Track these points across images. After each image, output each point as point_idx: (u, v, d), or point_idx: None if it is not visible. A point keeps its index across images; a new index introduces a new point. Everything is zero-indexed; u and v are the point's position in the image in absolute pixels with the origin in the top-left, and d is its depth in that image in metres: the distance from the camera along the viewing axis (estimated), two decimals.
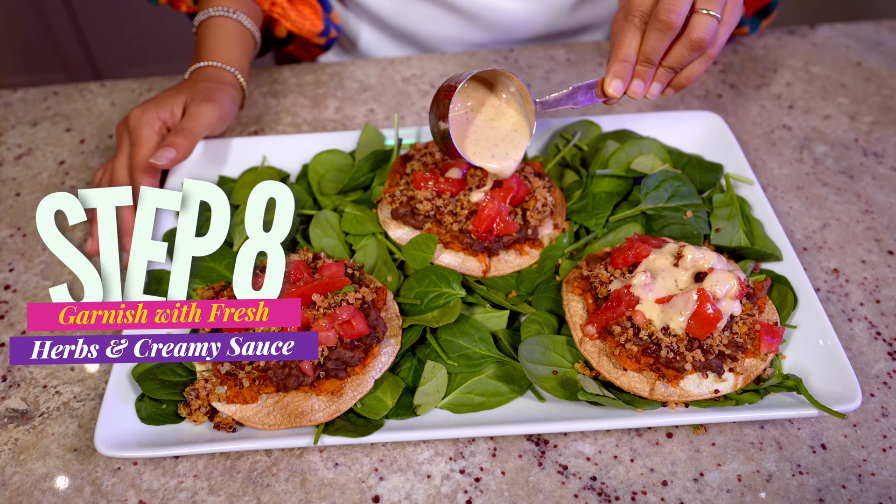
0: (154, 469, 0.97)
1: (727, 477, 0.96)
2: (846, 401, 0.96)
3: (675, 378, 0.97)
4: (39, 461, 0.99)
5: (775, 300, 1.10)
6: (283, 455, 0.99)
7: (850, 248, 1.26)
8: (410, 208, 1.17)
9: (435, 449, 0.99)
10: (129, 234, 1.13)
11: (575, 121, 1.38)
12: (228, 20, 1.41)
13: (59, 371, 1.09)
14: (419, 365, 1.04)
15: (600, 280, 1.05)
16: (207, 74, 1.35)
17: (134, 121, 1.23)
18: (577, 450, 0.99)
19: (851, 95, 1.58)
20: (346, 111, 1.56)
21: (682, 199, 1.22)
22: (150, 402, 1.00)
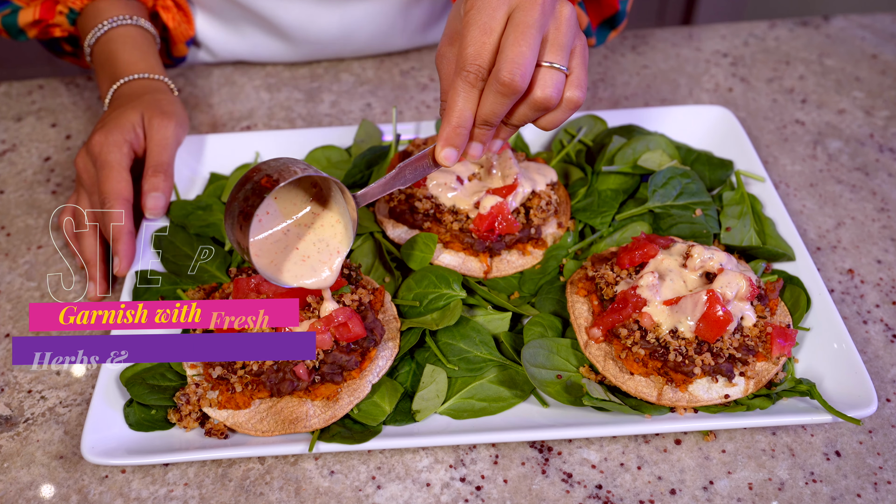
0: (143, 477, 0.97)
1: (738, 485, 0.96)
2: (861, 406, 0.96)
3: (684, 382, 0.98)
4: (24, 469, 0.99)
5: (788, 302, 1.10)
6: (276, 462, 0.99)
7: (866, 248, 1.26)
8: (409, 206, 1.17)
9: (434, 456, 0.99)
10: (120, 241, 1.12)
11: (579, 115, 1.38)
12: (129, 27, 1.36)
13: (45, 376, 1.09)
14: (418, 369, 1.05)
15: (606, 281, 1.05)
16: (138, 88, 1.29)
17: (98, 147, 1.17)
18: (581, 457, 0.99)
19: (867, 89, 1.58)
20: (342, 105, 1.56)
21: (690, 196, 1.22)
22: (138, 408, 1.00)
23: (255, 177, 0.91)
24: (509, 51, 0.88)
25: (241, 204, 0.90)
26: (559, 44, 0.92)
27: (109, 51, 1.34)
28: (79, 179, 1.21)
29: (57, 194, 1.38)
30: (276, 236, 0.97)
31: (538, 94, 0.92)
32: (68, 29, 1.41)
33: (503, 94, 0.90)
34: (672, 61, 1.66)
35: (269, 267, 0.96)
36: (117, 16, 1.35)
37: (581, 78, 0.96)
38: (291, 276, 0.97)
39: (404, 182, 0.98)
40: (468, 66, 0.90)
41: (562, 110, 0.96)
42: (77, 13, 1.39)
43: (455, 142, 0.93)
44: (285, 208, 0.97)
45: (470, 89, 0.91)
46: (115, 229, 1.12)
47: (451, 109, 0.92)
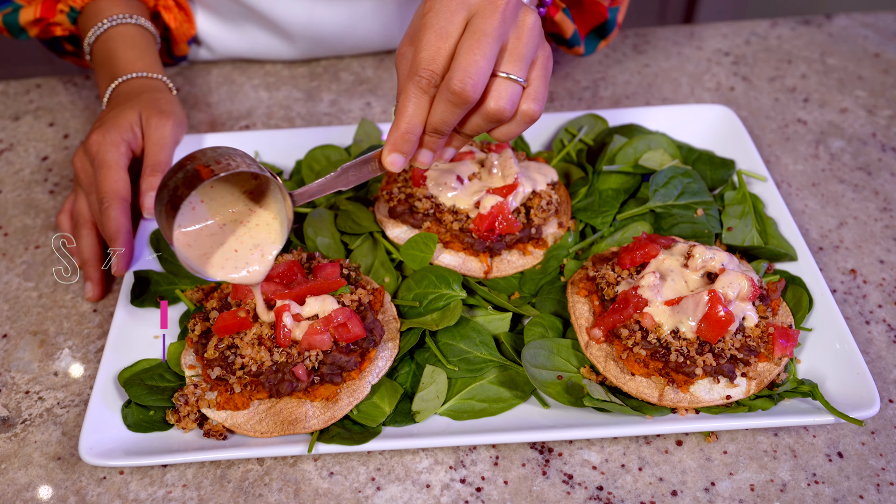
0: (141, 478, 0.97)
1: (739, 486, 0.96)
2: (864, 407, 0.96)
3: (685, 383, 0.97)
4: (21, 470, 0.99)
5: (790, 302, 1.10)
6: (275, 464, 0.99)
7: (868, 248, 1.26)
8: (409, 206, 1.17)
9: (434, 457, 0.99)
10: (118, 241, 1.12)
11: (580, 115, 1.38)
12: (129, 27, 1.36)
13: (42, 376, 1.09)
14: (418, 370, 1.04)
15: (607, 281, 1.05)
16: (136, 87, 1.30)
17: (96, 146, 1.17)
18: (582, 458, 0.99)
19: (869, 88, 1.58)
20: (342, 105, 1.56)
21: (692, 196, 1.22)
22: (136, 409, 1.00)
23: (188, 165, 0.88)
24: (463, 58, 0.86)
25: (170, 193, 0.88)
26: (518, 54, 0.90)
27: (108, 49, 1.34)
28: (76, 179, 1.21)
29: (55, 194, 1.38)
30: (212, 229, 0.95)
31: (491, 106, 0.90)
32: (69, 28, 1.42)
33: (454, 102, 0.87)
34: (673, 60, 1.66)
35: (200, 259, 0.94)
36: (117, 14, 1.35)
37: (539, 91, 0.93)
38: (219, 270, 0.95)
39: (346, 184, 0.95)
40: (421, 71, 0.88)
41: (516, 123, 0.94)
42: (78, 12, 1.39)
43: (402, 148, 0.91)
44: (222, 199, 0.95)
45: (421, 95, 0.89)
46: (112, 229, 1.12)
47: (400, 114, 0.90)
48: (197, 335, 1.03)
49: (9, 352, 1.13)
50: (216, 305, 1.05)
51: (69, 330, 1.15)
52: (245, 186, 0.96)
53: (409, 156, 0.93)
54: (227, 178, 0.94)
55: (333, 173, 0.95)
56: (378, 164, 0.95)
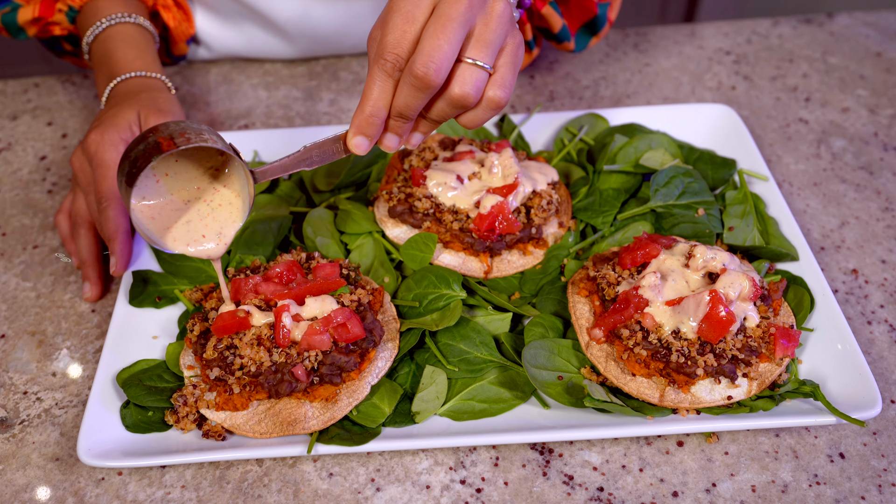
0: (140, 479, 0.97)
1: (741, 487, 0.96)
2: (865, 407, 0.96)
3: (686, 384, 0.97)
4: (19, 471, 0.99)
5: (791, 302, 1.10)
6: (274, 465, 0.99)
7: (870, 248, 1.26)
8: (408, 206, 1.17)
9: (434, 458, 0.99)
10: (116, 240, 1.12)
11: (581, 114, 1.38)
12: (128, 26, 1.36)
13: (40, 377, 1.09)
14: (418, 370, 1.04)
15: (608, 281, 1.05)
16: (135, 86, 1.29)
17: (94, 146, 1.16)
18: (583, 459, 0.99)
19: (871, 87, 1.58)
20: (341, 104, 1.56)
21: (693, 196, 1.22)
22: (135, 410, 1.00)
23: (150, 137, 0.89)
24: (426, 43, 0.86)
25: (130, 163, 0.89)
26: (485, 40, 0.90)
27: (107, 49, 1.34)
28: (75, 179, 1.21)
29: (53, 194, 1.38)
30: (176, 204, 0.98)
31: (455, 91, 0.90)
32: (68, 27, 1.42)
33: (417, 87, 0.88)
34: (674, 59, 1.66)
35: (161, 232, 0.97)
36: (116, 13, 1.35)
37: (506, 77, 0.93)
38: (178, 243, 0.98)
39: (310, 164, 0.96)
40: (386, 54, 0.88)
41: (482, 109, 0.94)
42: (76, 11, 1.39)
43: (367, 131, 0.93)
44: (186, 175, 0.97)
45: (385, 78, 0.90)
46: (111, 229, 1.12)
47: (365, 97, 0.91)
48: (196, 335, 1.03)
49: (7, 352, 1.13)
50: (215, 306, 1.05)
51: (67, 330, 1.15)
52: (209, 163, 0.98)
53: (373, 139, 0.94)
54: (192, 155, 0.95)
55: (296, 152, 0.96)
56: (343, 146, 0.96)
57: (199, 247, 0.99)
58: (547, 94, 1.56)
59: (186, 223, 0.98)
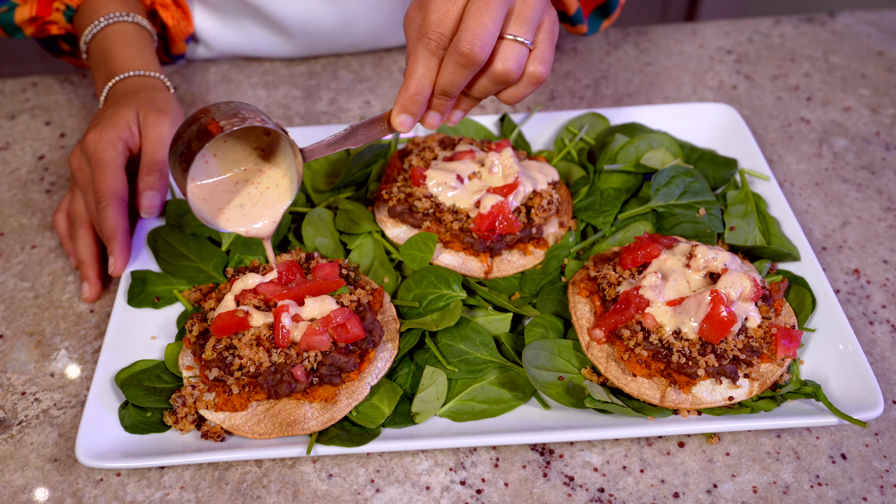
0: (138, 480, 0.97)
1: (742, 488, 0.96)
2: (867, 408, 0.96)
3: (688, 384, 0.97)
4: (17, 472, 0.99)
5: (793, 302, 1.10)
6: (274, 465, 0.99)
7: (872, 248, 1.26)
8: (408, 206, 1.17)
9: (434, 459, 0.99)
10: (115, 240, 1.12)
11: (581, 113, 1.38)
12: (126, 24, 1.36)
13: (39, 377, 1.09)
14: (418, 371, 1.04)
15: (608, 281, 1.05)
16: (134, 85, 1.30)
17: (93, 145, 1.17)
18: (583, 460, 0.99)
19: (873, 86, 1.58)
20: (341, 103, 1.56)
21: (694, 195, 1.22)
22: (134, 410, 1.00)
23: (202, 118, 0.91)
24: (471, 21, 0.88)
25: (184, 145, 0.91)
26: (525, 17, 0.92)
27: (105, 48, 1.34)
28: (73, 178, 1.21)
29: (51, 193, 1.38)
30: (226, 186, 1.00)
31: (498, 67, 0.93)
32: (65, 26, 1.41)
33: (462, 64, 0.90)
34: (675, 58, 1.66)
35: (213, 212, 0.99)
36: (114, 12, 1.35)
37: (546, 53, 0.96)
38: (228, 222, 1.00)
39: (355, 142, 0.98)
40: (430, 34, 0.91)
41: (524, 85, 0.97)
42: (74, 10, 1.39)
43: (411, 109, 0.95)
44: (234, 154, 0.99)
45: (430, 57, 0.92)
46: (109, 229, 1.12)
47: (409, 76, 0.93)
48: (195, 336, 1.03)
49: (5, 353, 1.13)
50: (214, 306, 1.05)
51: (66, 330, 1.15)
52: (256, 143, 1.00)
53: (417, 117, 0.96)
54: (240, 134, 0.97)
55: (343, 131, 0.98)
56: (387, 125, 0.98)
57: (252, 226, 1.01)
58: (547, 94, 1.56)
59: (240, 206, 1.00)
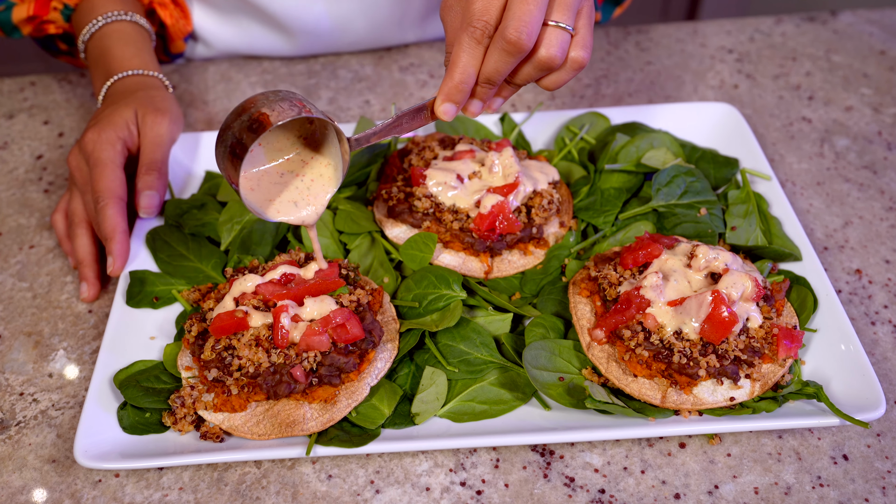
0: (137, 481, 0.97)
1: (743, 490, 0.96)
2: (869, 409, 0.96)
3: (689, 385, 0.98)
4: (15, 473, 0.99)
5: (794, 302, 1.10)
6: (273, 466, 0.99)
7: (874, 248, 1.26)
8: (408, 205, 1.17)
9: (434, 460, 0.99)
10: (114, 240, 1.12)
11: (582, 113, 1.38)
12: (124, 23, 1.36)
13: (37, 378, 1.09)
14: (417, 371, 1.04)
15: (609, 281, 1.05)
16: (132, 84, 1.29)
17: (91, 144, 1.17)
18: (584, 461, 0.99)
19: (875, 86, 1.58)
20: (340, 102, 1.56)
21: (695, 195, 1.22)
22: (132, 411, 1.00)
23: (251, 109, 0.92)
24: (516, 8, 0.89)
25: (234, 137, 0.92)
26: (566, 3, 0.93)
27: (103, 47, 1.34)
28: (71, 178, 1.21)
29: (49, 193, 1.38)
30: (273, 178, 1.01)
31: (543, 54, 0.93)
32: (63, 25, 1.41)
33: (509, 52, 0.91)
34: (676, 57, 1.66)
35: (262, 203, 1.01)
36: (112, 11, 1.35)
37: (586, 38, 0.96)
38: (278, 213, 1.02)
39: (400, 131, 1.00)
40: (475, 22, 0.91)
41: (566, 70, 0.97)
42: (71, 9, 1.39)
43: (456, 98, 0.95)
44: (278, 143, 1.00)
45: (476, 46, 0.92)
46: (108, 229, 1.12)
47: (454, 65, 0.93)
48: (193, 336, 1.03)
49: (3, 353, 1.13)
50: (213, 306, 1.05)
51: (64, 331, 1.15)
52: (300, 131, 1.01)
53: (461, 105, 0.96)
54: (283, 124, 0.97)
55: (389, 120, 0.99)
56: (430, 114, 0.99)
57: (298, 214, 1.02)
58: (548, 93, 1.56)
59: (288, 196, 1.02)
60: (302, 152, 1.02)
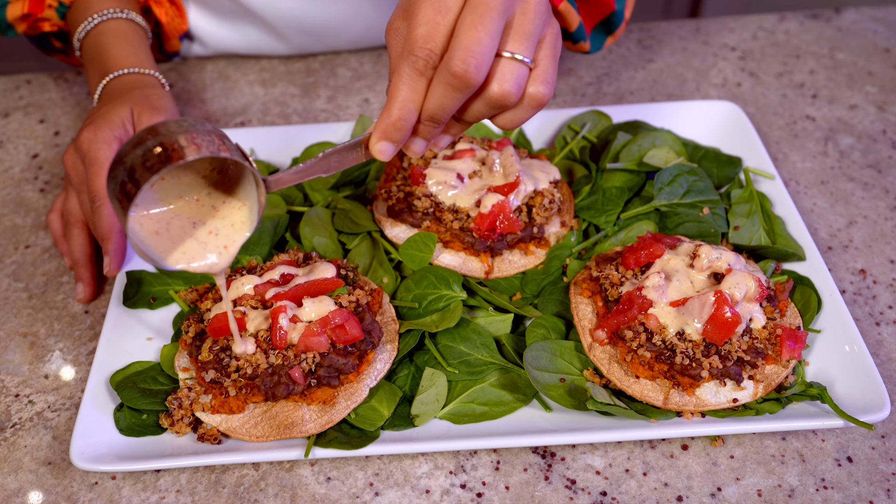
0: (134, 484, 0.97)
1: (747, 492, 0.96)
2: (874, 410, 0.96)
3: (691, 386, 0.98)
4: (11, 475, 0.99)
5: (798, 303, 1.10)
6: (271, 469, 0.99)
7: (878, 248, 1.26)
8: (408, 205, 1.17)
9: (434, 462, 0.99)
10: (110, 240, 1.12)
11: (583, 111, 1.38)
12: (120, 21, 1.36)
13: (33, 379, 1.09)
14: (417, 372, 1.05)
15: (611, 281, 1.05)
16: (128, 83, 1.29)
17: (87, 143, 1.15)
18: (586, 463, 0.99)
19: (879, 84, 1.58)
20: (339, 101, 1.56)
21: (698, 194, 1.22)
22: (129, 413, 1.00)
23: (149, 141, 0.78)
24: (464, 36, 0.79)
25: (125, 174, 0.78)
26: (524, 31, 0.83)
27: (99, 45, 1.34)
28: (67, 177, 1.21)
29: (45, 192, 1.38)
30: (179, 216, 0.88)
31: (495, 90, 0.83)
32: (57, 23, 1.42)
33: (454, 86, 0.80)
34: (679, 55, 1.66)
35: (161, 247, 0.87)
36: (108, 9, 1.35)
37: (548, 72, 0.86)
38: (179, 260, 0.88)
39: (327, 170, 0.89)
40: (416, 50, 0.80)
41: (523, 108, 0.87)
42: (66, 7, 1.39)
43: (393, 136, 0.84)
44: (185, 178, 0.88)
45: (417, 77, 0.81)
46: (104, 228, 1.12)
47: (392, 99, 0.82)
48: (191, 337, 1.03)
49: None
50: (210, 306, 1.05)
51: (60, 332, 1.15)
52: (211, 165, 0.89)
53: (400, 144, 0.86)
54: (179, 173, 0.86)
55: (314, 159, 0.88)
56: (364, 151, 0.88)
57: (202, 262, 0.90)
58: None
59: (193, 237, 0.89)
60: (213, 193, 0.89)
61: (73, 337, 1.15)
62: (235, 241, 0.91)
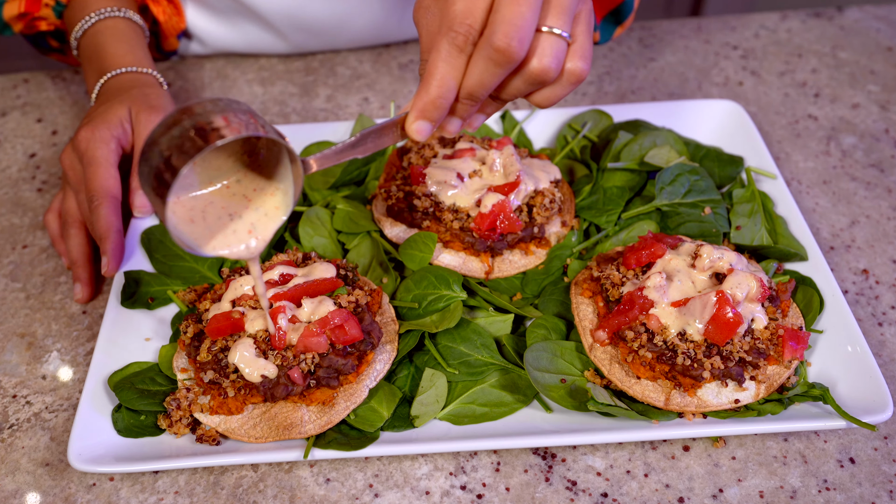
0: (132, 485, 0.97)
1: (748, 493, 0.96)
2: (876, 411, 0.96)
3: (693, 387, 0.98)
4: (8, 476, 0.99)
5: (800, 303, 1.10)
6: (270, 470, 0.99)
7: (881, 247, 1.26)
8: (407, 204, 1.17)
9: (434, 463, 0.99)
10: (108, 240, 1.12)
11: (584, 110, 1.38)
12: (118, 20, 1.36)
13: (30, 380, 1.09)
14: (417, 373, 1.05)
15: (612, 282, 1.05)
16: (126, 82, 1.29)
17: (85, 143, 1.16)
18: (586, 464, 0.99)
19: (882, 83, 1.58)
20: (339, 100, 1.56)
21: (699, 194, 1.22)
22: (127, 413, 1.00)
23: (185, 121, 0.75)
24: (506, 10, 0.77)
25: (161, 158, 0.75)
26: (563, 6, 0.82)
27: (97, 44, 1.34)
28: (65, 177, 1.21)
29: (43, 192, 1.38)
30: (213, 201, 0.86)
31: (535, 65, 0.82)
32: (54, 22, 1.42)
33: (496, 62, 0.79)
34: (680, 54, 1.66)
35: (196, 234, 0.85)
36: (105, 8, 1.35)
37: (585, 47, 0.85)
38: (213, 246, 0.86)
39: (364, 151, 0.88)
40: (456, 26, 0.78)
41: (562, 84, 0.86)
42: (63, 6, 1.39)
43: (432, 115, 0.83)
44: (217, 160, 0.85)
45: (457, 54, 0.80)
46: (102, 228, 1.12)
47: (431, 76, 0.81)
48: (189, 337, 1.03)
49: None
50: (209, 307, 1.05)
51: (58, 332, 1.16)
52: (244, 147, 0.86)
53: (437, 124, 0.84)
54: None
55: (351, 139, 0.86)
56: (400, 132, 0.87)
57: (236, 248, 0.88)
58: None
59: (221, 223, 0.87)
60: (248, 176, 0.87)
61: (70, 337, 1.15)
62: (270, 228, 0.89)
